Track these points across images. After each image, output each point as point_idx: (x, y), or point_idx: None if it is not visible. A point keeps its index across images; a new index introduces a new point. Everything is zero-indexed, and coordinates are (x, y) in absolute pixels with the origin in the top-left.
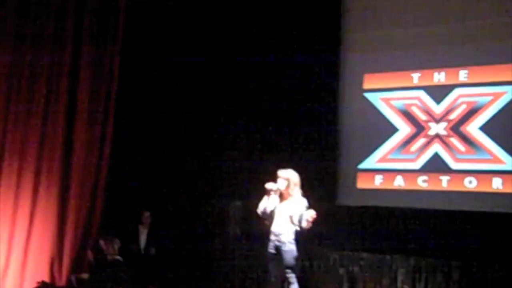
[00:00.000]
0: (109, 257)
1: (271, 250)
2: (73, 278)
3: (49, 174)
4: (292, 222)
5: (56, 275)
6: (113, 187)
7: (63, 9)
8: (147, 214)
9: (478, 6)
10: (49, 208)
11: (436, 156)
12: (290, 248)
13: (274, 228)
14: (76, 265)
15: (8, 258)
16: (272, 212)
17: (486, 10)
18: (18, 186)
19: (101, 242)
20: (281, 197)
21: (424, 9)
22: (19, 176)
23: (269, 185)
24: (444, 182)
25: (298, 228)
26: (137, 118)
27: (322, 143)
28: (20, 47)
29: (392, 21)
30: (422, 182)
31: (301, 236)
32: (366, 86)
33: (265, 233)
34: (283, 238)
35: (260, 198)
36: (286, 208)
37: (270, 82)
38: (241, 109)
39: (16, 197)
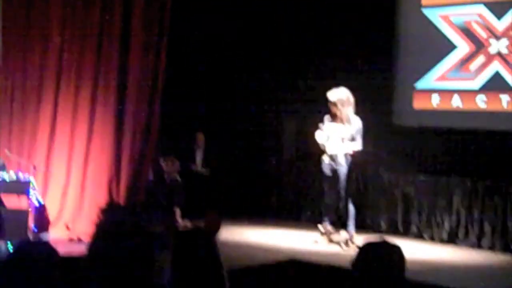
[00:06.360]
0: (169, 176)
1: (327, 171)
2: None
3: (105, 93)
4: (344, 144)
5: (115, 195)
6: (168, 108)
7: None
8: (201, 135)
9: None
10: (106, 126)
11: (496, 75)
12: (344, 169)
13: (329, 150)
14: (134, 187)
15: (68, 177)
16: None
17: None
18: (75, 104)
19: (162, 162)
20: (335, 117)
21: None
22: (76, 94)
23: (318, 138)
24: (504, 102)
25: (351, 151)
26: (191, 44)
27: (378, 61)
28: None
29: None
30: (481, 102)
31: (356, 158)
32: (424, 1)
33: (320, 154)
34: (337, 160)
35: (315, 117)
36: (339, 130)
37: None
38: (300, 31)
39: (74, 117)
